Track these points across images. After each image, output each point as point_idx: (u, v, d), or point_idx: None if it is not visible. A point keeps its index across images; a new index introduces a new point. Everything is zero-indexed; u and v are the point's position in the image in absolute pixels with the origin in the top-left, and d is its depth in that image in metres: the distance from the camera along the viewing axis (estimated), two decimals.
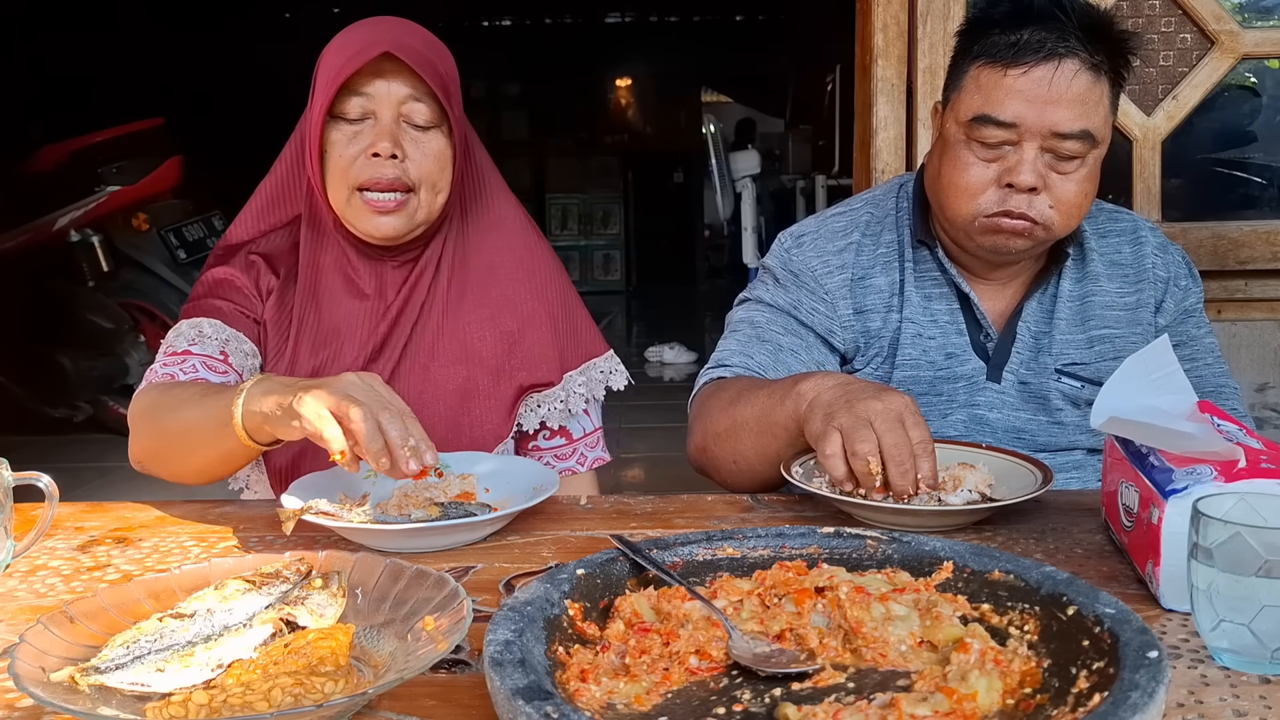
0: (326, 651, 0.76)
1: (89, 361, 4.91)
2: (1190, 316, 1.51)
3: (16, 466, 1.08)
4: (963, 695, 0.68)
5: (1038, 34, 1.30)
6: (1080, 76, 1.30)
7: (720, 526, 1.13)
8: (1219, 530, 0.79)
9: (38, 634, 0.76)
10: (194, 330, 1.37)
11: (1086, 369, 1.45)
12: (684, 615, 0.80)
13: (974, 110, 1.33)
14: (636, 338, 7.77)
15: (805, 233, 1.53)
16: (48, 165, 5.11)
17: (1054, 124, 1.30)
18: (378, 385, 1.08)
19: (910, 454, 1.09)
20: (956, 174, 1.36)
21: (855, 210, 1.54)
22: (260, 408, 1.09)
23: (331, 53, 1.37)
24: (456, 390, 1.44)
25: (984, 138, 1.33)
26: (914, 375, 1.46)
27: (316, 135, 1.35)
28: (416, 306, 1.43)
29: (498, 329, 1.47)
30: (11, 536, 1.06)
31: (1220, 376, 1.49)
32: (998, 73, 1.32)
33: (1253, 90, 2.43)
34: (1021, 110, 1.30)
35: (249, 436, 1.12)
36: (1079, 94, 1.30)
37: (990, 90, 1.32)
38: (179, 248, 5.13)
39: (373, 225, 1.35)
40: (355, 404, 1.02)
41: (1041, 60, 1.29)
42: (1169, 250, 1.52)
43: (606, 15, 10.53)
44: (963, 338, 1.46)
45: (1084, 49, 1.30)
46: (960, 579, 0.85)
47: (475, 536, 1.11)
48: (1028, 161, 1.31)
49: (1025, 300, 1.46)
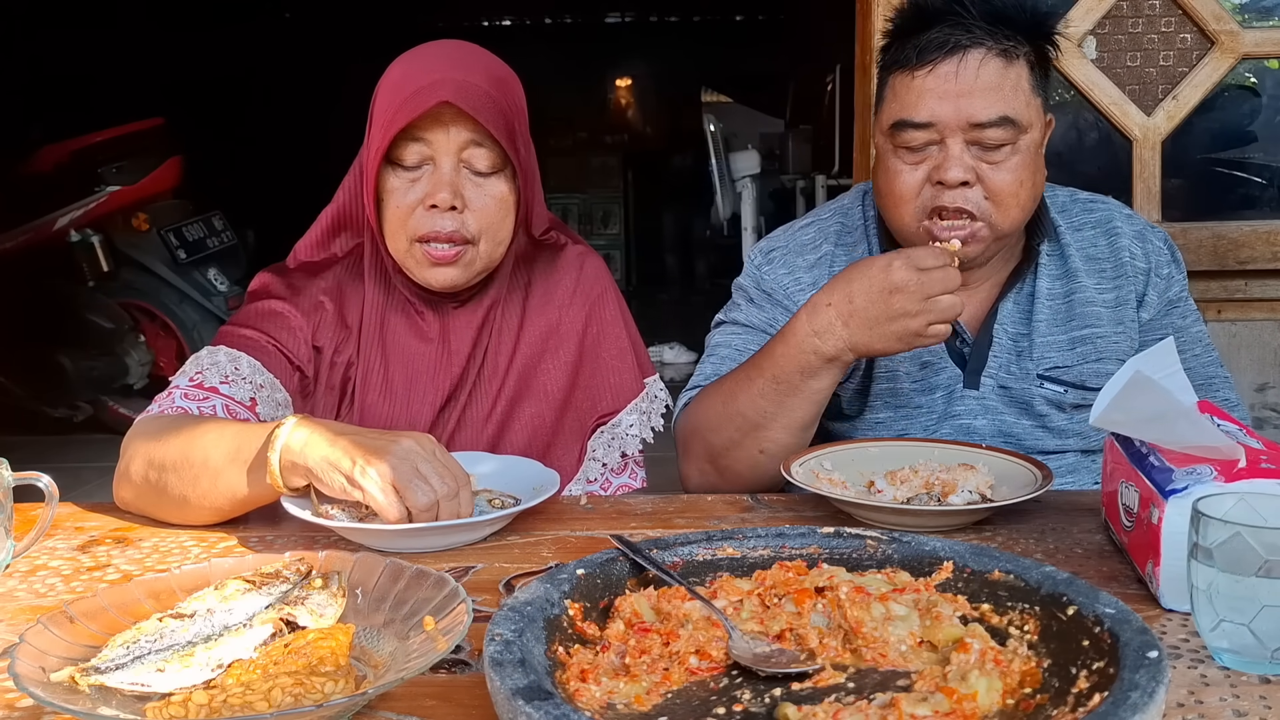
0: (326, 651, 0.76)
1: (89, 361, 4.91)
2: (1175, 307, 1.47)
3: (16, 466, 1.08)
4: (963, 695, 0.68)
5: (940, 32, 1.31)
6: (988, 64, 1.30)
7: (720, 526, 1.13)
8: (1219, 530, 0.79)
9: (38, 634, 0.76)
10: (231, 365, 1.28)
11: (1069, 372, 1.42)
12: (684, 615, 0.79)
13: (893, 117, 1.34)
14: None
15: (775, 248, 1.52)
16: (48, 165, 5.11)
17: (969, 115, 1.30)
18: (438, 453, 1.08)
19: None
20: (889, 183, 1.36)
21: (824, 220, 1.53)
22: (304, 461, 1.06)
23: (387, 90, 1.29)
24: (525, 429, 1.40)
25: (906, 142, 1.33)
26: (891, 387, 1.45)
27: (372, 181, 1.29)
28: (482, 350, 1.39)
29: (560, 361, 1.42)
30: (11, 536, 1.06)
31: (1210, 366, 1.47)
32: (908, 77, 1.33)
33: (1253, 90, 2.43)
34: (934, 107, 1.31)
35: (286, 487, 1.08)
36: (990, 81, 1.30)
37: (904, 95, 1.33)
38: (179, 248, 5.13)
39: (431, 276, 1.31)
40: (421, 486, 1.04)
41: (945, 55, 1.30)
42: (1147, 238, 1.48)
43: (606, 15, 10.53)
44: (938, 345, 1.41)
45: (988, 38, 1.30)
46: (960, 579, 0.85)
47: (475, 536, 1.11)
48: (954, 157, 1.31)
49: (1000, 301, 1.44)
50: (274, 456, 1.06)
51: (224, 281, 5.22)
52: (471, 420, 1.39)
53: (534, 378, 1.41)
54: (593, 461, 1.43)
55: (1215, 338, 1.56)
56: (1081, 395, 1.41)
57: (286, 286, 1.37)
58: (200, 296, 5.12)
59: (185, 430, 1.17)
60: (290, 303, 1.35)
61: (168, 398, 1.27)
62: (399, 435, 1.08)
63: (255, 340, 1.32)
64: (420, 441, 1.07)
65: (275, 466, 1.07)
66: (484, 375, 1.39)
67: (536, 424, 1.41)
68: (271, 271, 1.40)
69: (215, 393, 1.26)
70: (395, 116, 1.25)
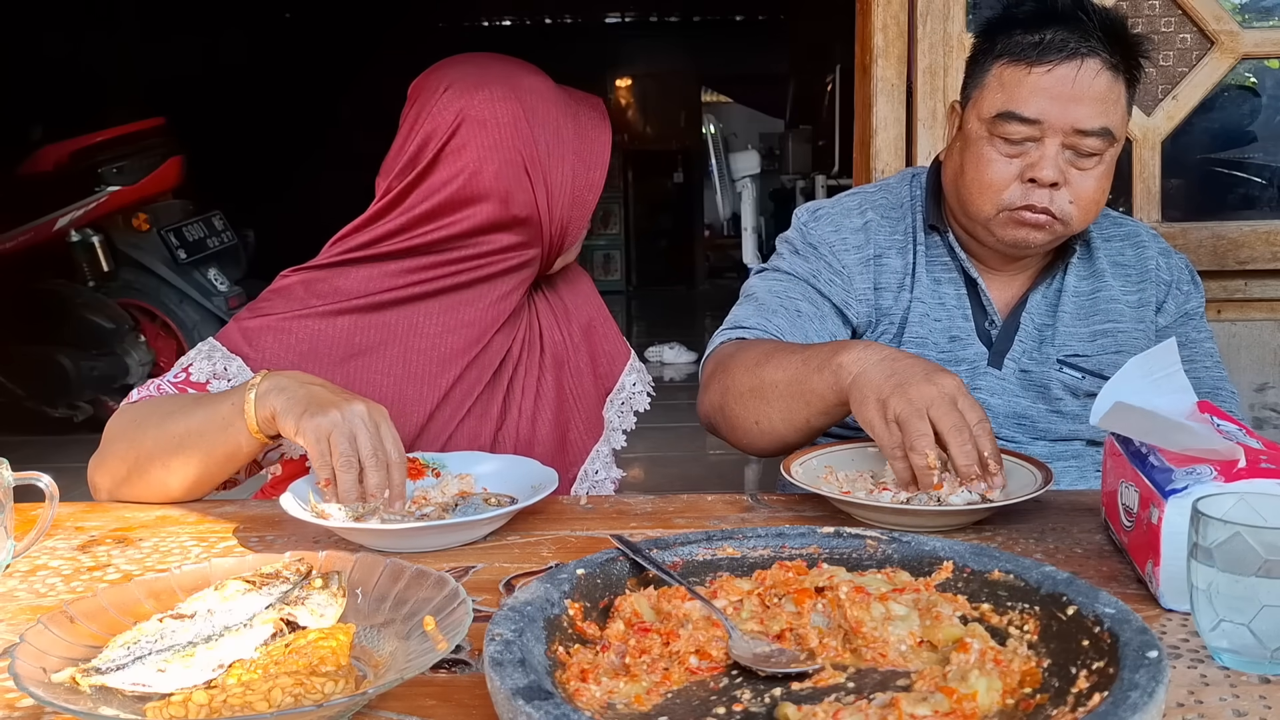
0: (327, 651, 0.76)
1: (89, 361, 4.91)
2: (1190, 319, 1.54)
3: (16, 466, 1.08)
4: (962, 695, 0.68)
5: (1061, 34, 1.33)
6: (1101, 76, 1.33)
7: (720, 526, 1.13)
8: (1219, 530, 0.79)
9: (38, 634, 0.76)
10: (222, 366, 1.31)
11: (1088, 361, 1.47)
12: (684, 615, 0.79)
13: (998, 107, 1.36)
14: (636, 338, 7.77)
15: (821, 208, 1.56)
16: (48, 165, 5.11)
17: (1076, 121, 1.33)
18: (383, 426, 1.12)
19: (970, 434, 1.10)
20: (980, 170, 1.39)
21: (869, 194, 1.57)
22: (273, 402, 1.12)
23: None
24: (554, 396, 1.45)
25: (1007, 134, 1.36)
26: (919, 354, 1.47)
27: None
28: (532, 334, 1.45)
29: (574, 323, 1.50)
30: (11, 536, 1.06)
31: (1218, 381, 1.51)
32: (1022, 71, 1.35)
33: (1253, 90, 2.43)
34: (1045, 107, 1.33)
35: (260, 430, 1.14)
36: (1100, 92, 1.34)
37: (1014, 88, 1.35)
38: (179, 248, 5.14)
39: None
40: (346, 447, 1.08)
41: (1065, 59, 1.33)
42: (1172, 256, 1.56)
43: (606, 15, 10.53)
44: (968, 323, 1.48)
45: (1104, 49, 1.34)
46: (960, 579, 0.85)
47: (475, 536, 1.11)
48: (1049, 157, 1.34)
49: (1030, 292, 1.49)
50: (251, 395, 1.13)
51: (224, 281, 5.22)
52: (515, 395, 1.43)
53: (554, 345, 1.47)
54: (614, 432, 1.49)
55: (1215, 338, 1.58)
56: (1097, 383, 1.45)
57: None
58: (200, 296, 5.13)
59: (160, 407, 1.23)
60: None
61: (156, 388, 1.29)
62: (353, 398, 1.12)
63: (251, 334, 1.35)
64: (371, 409, 1.12)
65: (252, 408, 1.13)
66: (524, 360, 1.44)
67: (560, 393, 1.46)
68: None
69: (203, 390, 1.28)
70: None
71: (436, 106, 1.31)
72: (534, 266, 1.40)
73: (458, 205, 1.31)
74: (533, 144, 1.32)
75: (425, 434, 1.35)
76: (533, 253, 1.37)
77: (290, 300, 1.35)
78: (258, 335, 1.32)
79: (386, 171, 1.36)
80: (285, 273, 1.38)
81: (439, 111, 1.31)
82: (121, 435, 1.25)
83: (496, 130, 1.30)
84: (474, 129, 1.30)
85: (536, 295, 1.49)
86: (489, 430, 1.39)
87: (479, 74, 1.33)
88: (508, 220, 1.33)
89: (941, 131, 2.11)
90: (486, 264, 1.35)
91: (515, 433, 1.41)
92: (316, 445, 1.09)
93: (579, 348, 1.49)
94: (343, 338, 1.34)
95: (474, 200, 1.31)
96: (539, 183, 1.33)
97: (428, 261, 1.34)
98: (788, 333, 1.43)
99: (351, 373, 1.33)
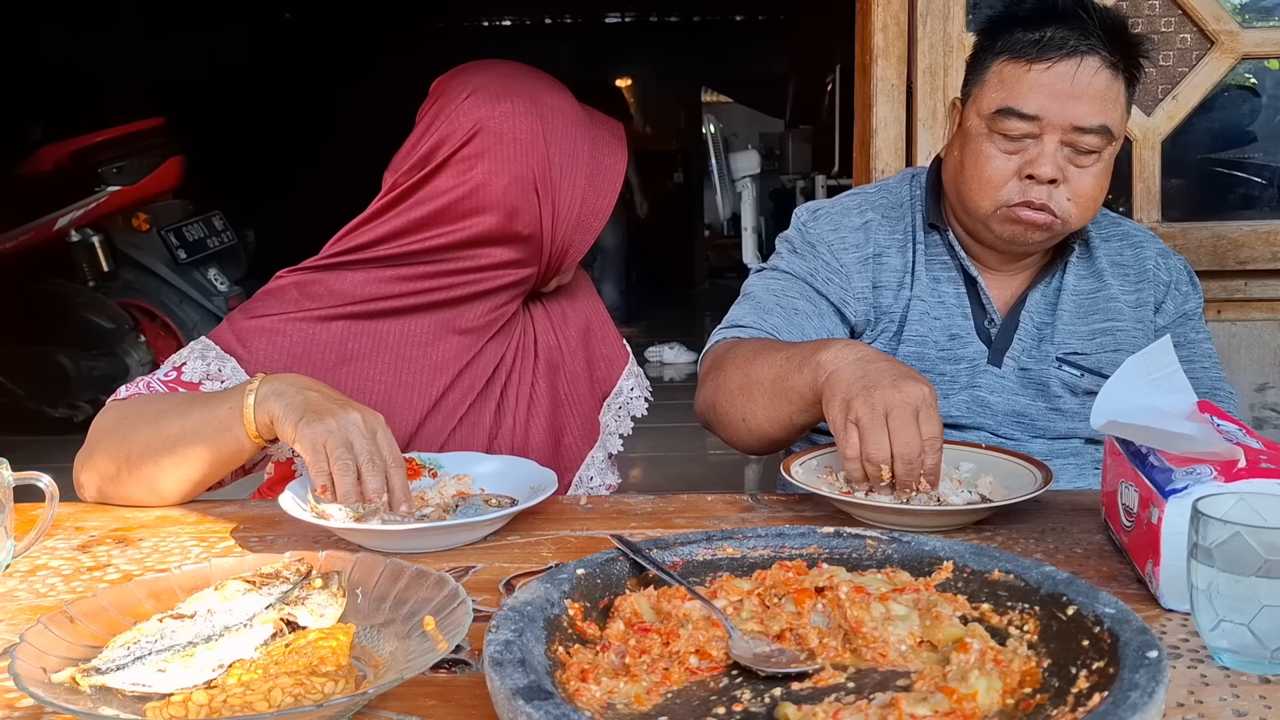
0: (327, 651, 0.76)
1: (89, 361, 4.91)
2: (1189, 320, 1.54)
3: (16, 466, 1.08)
4: (963, 695, 0.68)
5: (1061, 31, 1.34)
6: (1101, 74, 1.34)
7: (720, 526, 1.13)
8: (1219, 530, 0.79)
9: (38, 634, 0.76)
10: (215, 366, 1.29)
11: (1087, 359, 1.48)
12: (684, 615, 0.79)
13: (998, 103, 1.37)
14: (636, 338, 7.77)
15: (821, 208, 1.57)
16: (48, 165, 5.11)
17: (1075, 118, 1.34)
18: (380, 434, 1.11)
19: (919, 451, 1.10)
20: (979, 166, 1.40)
21: (869, 194, 1.58)
22: (272, 405, 1.11)
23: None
24: (548, 402, 1.44)
25: (1007, 130, 1.37)
26: (919, 352, 1.48)
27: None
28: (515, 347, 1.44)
29: (572, 327, 1.49)
30: (11, 536, 1.06)
31: (1216, 381, 1.52)
32: (1022, 67, 1.36)
33: (1253, 90, 2.43)
34: (1045, 103, 1.34)
35: (259, 434, 1.13)
36: (1099, 90, 1.34)
37: (1014, 84, 1.36)
38: (179, 248, 5.13)
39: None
40: (344, 455, 1.07)
41: (1065, 56, 1.34)
42: (1170, 257, 1.57)
43: (606, 15, 10.52)
44: (967, 321, 1.49)
45: (1104, 48, 1.34)
46: (960, 579, 0.85)
47: (475, 536, 1.11)
48: (1048, 154, 1.35)
49: (1029, 290, 1.50)
50: (250, 399, 1.12)
51: (224, 281, 5.22)
52: (508, 406, 1.42)
53: (550, 349, 1.46)
54: (610, 436, 1.46)
55: (1215, 338, 1.58)
56: (1096, 381, 1.45)
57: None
58: (200, 296, 5.13)
59: (151, 406, 1.22)
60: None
61: (145, 386, 1.27)
62: (350, 405, 1.11)
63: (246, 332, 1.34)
64: (366, 416, 1.11)
65: (251, 412, 1.12)
66: (518, 364, 1.44)
67: (555, 396, 1.45)
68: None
69: (195, 390, 1.27)
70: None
71: (457, 110, 1.30)
72: (528, 285, 1.40)
73: (461, 213, 1.30)
74: (546, 163, 1.31)
75: (417, 441, 1.35)
76: (529, 271, 1.37)
77: (284, 302, 1.34)
78: (251, 337, 1.32)
79: (396, 166, 1.35)
80: (280, 273, 1.38)
81: (458, 116, 1.30)
82: (111, 433, 1.22)
83: (513, 144, 1.29)
84: (490, 139, 1.29)
85: (532, 299, 1.48)
86: (482, 438, 1.39)
87: (504, 84, 1.32)
88: (509, 235, 1.32)
89: (941, 131, 2.11)
90: (482, 279, 1.34)
91: (509, 440, 1.40)
92: (313, 453, 1.08)
93: (575, 352, 1.49)
94: (335, 343, 1.33)
95: (478, 210, 1.30)
96: (546, 202, 1.32)
97: (422, 271, 1.33)
98: (784, 331, 1.44)
99: (343, 378, 1.33)
